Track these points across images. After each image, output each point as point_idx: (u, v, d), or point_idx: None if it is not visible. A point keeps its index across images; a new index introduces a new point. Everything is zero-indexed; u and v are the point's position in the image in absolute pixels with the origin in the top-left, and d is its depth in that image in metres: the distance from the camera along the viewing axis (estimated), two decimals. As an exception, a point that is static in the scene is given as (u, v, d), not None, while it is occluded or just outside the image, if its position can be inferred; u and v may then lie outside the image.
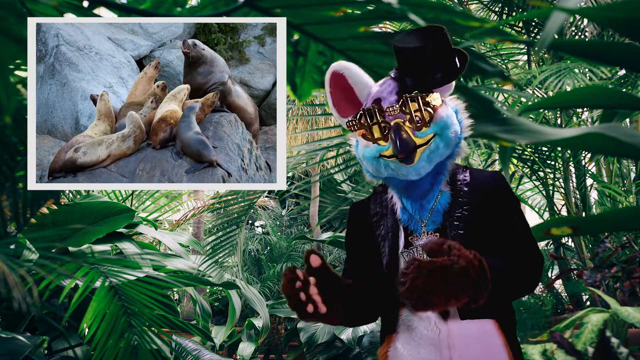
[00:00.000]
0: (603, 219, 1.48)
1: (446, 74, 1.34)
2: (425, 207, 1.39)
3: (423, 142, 1.34)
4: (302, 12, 1.51)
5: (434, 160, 1.36)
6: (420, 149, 1.34)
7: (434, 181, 1.39)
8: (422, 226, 1.39)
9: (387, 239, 1.41)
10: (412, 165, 1.34)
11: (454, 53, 1.32)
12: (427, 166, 1.35)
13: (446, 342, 1.33)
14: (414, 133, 1.34)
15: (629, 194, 4.42)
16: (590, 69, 3.70)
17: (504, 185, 1.43)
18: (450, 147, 1.37)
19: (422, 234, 1.39)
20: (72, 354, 2.85)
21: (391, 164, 1.35)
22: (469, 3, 4.97)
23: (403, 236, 1.41)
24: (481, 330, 1.34)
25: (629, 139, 0.94)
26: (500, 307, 1.40)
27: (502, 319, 1.38)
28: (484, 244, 1.34)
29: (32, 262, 2.00)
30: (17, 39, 0.94)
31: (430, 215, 1.39)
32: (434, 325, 1.35)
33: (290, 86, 1.69)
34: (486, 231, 1.37)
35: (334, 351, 5.07)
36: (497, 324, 1.36)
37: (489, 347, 1.34)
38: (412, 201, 1.40)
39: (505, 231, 1.38)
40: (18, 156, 1.89)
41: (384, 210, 1.46)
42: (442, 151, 1.36)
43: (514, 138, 1.25)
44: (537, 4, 0.90)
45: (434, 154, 1.35)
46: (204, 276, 3.67)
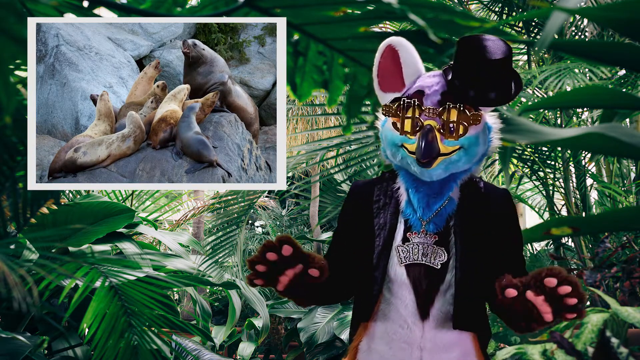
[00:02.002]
0: (603, 219, 1.49)
1: (499, 97, 1.29)
2: (431, 207, 1.38)
3: (447, 152, 1.32)
4: (302, 12, 1.51)
5: (451, 170, 1.35)
6: (442, 157, 1.32)
7: (445, 187, 1.38)
8: (422, 225, 1.38)
9: (384, 229, 1.40)
10: (428, 169, 1.33)
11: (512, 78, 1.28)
12: (442, 174, 1.35)
13: (419, 343, 1.33)
14: (442, 140, 1.32)
15: (629, 194, 4.42)
16: (590, 69, 3.70)
17: (513, 205, 1.44)
18: (470, 164, 1.36)
19: (421, 232, 1.38)
20: (72, 354, 2.85)
21: (409, 158, 1.34)
22: (469, 3, 4.97)
23: (402, 230, 1.40)
24: (458, 338, 1.35)
25: (629, 139, 0.94)
26: (481, 321, 1.41)
27: (479, 333, 1.39)
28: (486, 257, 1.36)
29: (32, 262, 2.00)
30: (17, 39, 0.94)
31: (434, 217, 1.38)
32: (410, 324, 1.34)
33: (290, 86, 1.68)
34: (491, 245, 1.38)
35: (334, 351, 5.07)
36: (474, 337, 1.37)
37: (464, 358, 1.35)
38: (420, 198, 1.39)
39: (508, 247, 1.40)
40: (18, 156, 1.89)
41: (387, 199, 1.44)
42: (461, 165, 1.35)
43: (514, 138, 1.26)
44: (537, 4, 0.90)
45: (452, 165, 1.34)
46: (204, 276, 3.67)
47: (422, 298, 1.35)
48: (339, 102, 1.74)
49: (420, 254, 1.36)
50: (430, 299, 1.35)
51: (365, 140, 2.92)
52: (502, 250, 1.39)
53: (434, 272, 1.35)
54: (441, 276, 1.35)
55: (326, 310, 5.26)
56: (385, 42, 1.40)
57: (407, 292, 1.36)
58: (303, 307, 2.24)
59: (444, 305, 1.35)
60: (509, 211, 1.42)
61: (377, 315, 1.39)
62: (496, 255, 1.37)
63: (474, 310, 1.38)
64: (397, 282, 1.37)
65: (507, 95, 1.29)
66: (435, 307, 1.35)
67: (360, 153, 3.13)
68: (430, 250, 1.36)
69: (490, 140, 1.37)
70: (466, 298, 1.35)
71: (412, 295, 1.35)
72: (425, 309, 1.35)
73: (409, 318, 1.35)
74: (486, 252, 1.37)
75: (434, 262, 1.36)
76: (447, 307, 1.35)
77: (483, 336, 1.40)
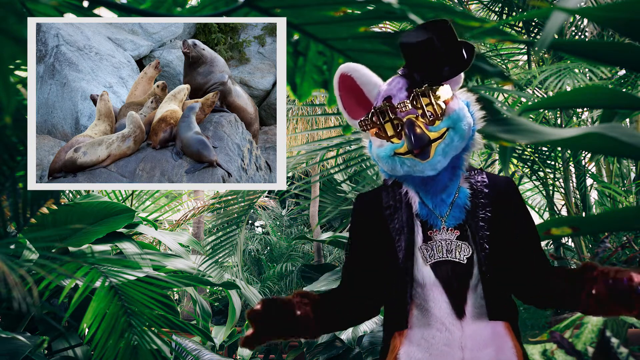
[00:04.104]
0: (603, 219, 1.49)
1: (454, 66, 1.33)
2: (445, 201, 1.39)
3: (437, 136, 1.33)
4: (302, 12, 1.51)
5: (450, 153, 1.35)
6: (435, 144, 1.33)
7: (452, 176, 1.39)
8: (442, 221, 1.38)
9: (402, 232, 1.39)
10: (428, 160, 1.33)
11: (460, 45, 1.31)
12: (443, 160, 1.35)
13: (459, 342, 1.33)
14: (427, 128, 1.33)
15: (629, 194, 4.42)
16: (590, 69, 3.70)
17: (518, 190, 1.46)
18: (464, 140, 1.36)
19: (442, 229, 1.38)
20: (72, 354, 2.85)
21: (407, 161, 1.35)
22: (469, 3, 4.96)
23: (420, 231, 1.39)
24: (493, 331, 1.35)
25: (629, 139, 0.94)
26: (512, 309, 1.41)
27: (512, 321, 1.39)
28: (507, 246, 1.37)
29: (32, 262, 2.00)
30: (17, 39, 0.94)
31: (450, 210, 1.39)
32: (447, 325, 1.34)
33: (290, 86, 1.68)
34: (509, 234, 1.38)
35: (334, 351, 5.07)
36: (507, 325, 1.37)
37: (502, 349, 1.35)
38: (432, 196, 1.39)
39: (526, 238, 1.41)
40: (18, 156, 1.89)
41: (397, 204, 1.43)
42: (457, 144, 1.35)
43: (514, 138, 1.26)
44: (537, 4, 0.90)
45: (449, 147, 1.34)
46: (204, 276, 3.67)
47: (455, 297, 1.34)
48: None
49: (445, 250, 1.36)
50: (463, 296, 1.35)
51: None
52: (518, 235, 1.40)
53: (461, 268, 1.35)
54: (469, 271, 1.36)
55: (326, 310, 5.25)
56: (337, 74, 1.45)
57: (439, 293, 1.35)
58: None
59: (477, 299, 1.35)
60: (515, 196, 1.44)
61: (412, 322, 1.37)
62: (513, 241, 1.38)
63: (503, 299, 1.39)
64: (427, 285, 1.36)
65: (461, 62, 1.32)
66: (469, 303, 1.35)
67: (360, 153, 3.13)
68: (454, 245, 1.36)
69: (472, 112, 1.39)
70: (495, 289, 1.36)
71: (444, 296, 1.35)
72: (460, 307, 1.34)
73: (446, 319, 1.34)
74: (503, 240, 1.38)
75: (459, 257, 1.36)
76: (480, 301, 1.35)
77: (514, 323, 1.40)
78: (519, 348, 1.37)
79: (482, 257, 1.35)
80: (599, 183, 4.58)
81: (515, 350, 1.35)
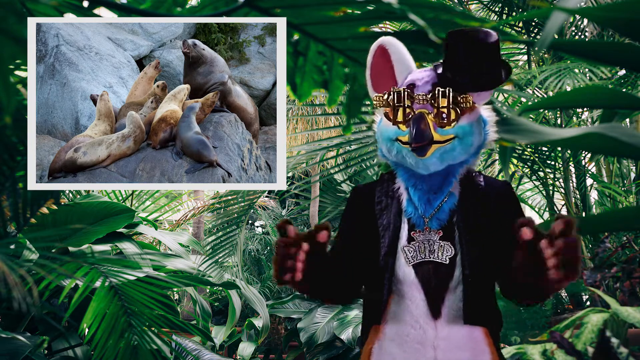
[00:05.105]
0: (603, 219, 1.48)
1: (488, 82, 1.32)
2: (432, 203, 1.38)
3: (441, 140, 1.32)
4: (302, 12, 1.51)
5: (446, 160, 1.34)
6: (436, 145, 1.32)
7: (444, 181, 1.38)
8: (425, 222, 1.38)
9: (388, 230, 1.40)
10: (423, 158, 1.33)
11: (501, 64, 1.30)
12: (437, 164, 1.34)
13: (432, 342, 1.33)
14: (436, 128, 1.32)
15: (629, 194, 4.42)
16: (590, 69, 3.70)
17: (515, 196, 1.44)
18: (466, 154, 1.36)
19: (425, 230, 1.37)
20: (72, 354, 2.85)
21: (404, 150, 1.34)
22: (469, 3, 4.97)
23: (406, 230, 1.39)
24: (470, 336, 1.34)
25: (629, 139, 0.94)
26: (492, 316, 1.40)
27: (491, 328, 1.38)
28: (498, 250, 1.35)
29: (32, 262, 2.00)
30: (17, 39, 0.94)
31: (436, 212, 1.38)
32: (422, 324, 1.34)
33: (290, 86, 1.69)
34: (502, 239, 1.35)
35: (334, 351, 5.07)
36: (486, 332, 1.36)
37: (478, 355, 1.34)
38: (420, 194, 1.38)
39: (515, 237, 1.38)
40: (18, 156, 1.89)
41: (388, 200, 1.43)
42: (457, 155, 1.34)
43: (514, 138, 1.26)
44: (537, 4, 0.90)
45: (447, 155, 1.33)
46: (204, 276, 3.67)
47: (432, 296, 1.34)
48: (339, 102, 1.74)
49: (427, 251, 1.36)
50: (440, 296, 1.34)
51: (365, 140, 2.92)
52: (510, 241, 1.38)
53: (443, 268, 1.35)
54: (450, 272, 1.35)
55: (326, 311, 5.26)
56: (376, 43, 1.42)
57: (417, 291, 1.35)
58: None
59: (455, 302, 1.35)
60: (511, 202, 1.42)
61: (388, 317, 1.38)
62: (503, 247, 1.35)
63: (484, 304, 1.38)
64: (407, 283, 1.36)
65: (497, 81, 1.31)
66: (446, 304, 1.34)
67: (360, 153, 3.13)
68: (436, 246, 1.36)
69: (486, 132, 1.37)
70: (475, 293, 1.34)
71: (422, 295, 1.35)
72: (437, 308, 1.34)
73: (421, 318, 1.34)
74: (492, 245, 1.36)
75: (441, 258, 1.35)
76: (458, 304, 1.35)
77: (494, 330, 1.39)
78: (496, 355, 1.35)
79: (466, 259, 1.34)
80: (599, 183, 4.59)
81: (492, 357, 1.34)
